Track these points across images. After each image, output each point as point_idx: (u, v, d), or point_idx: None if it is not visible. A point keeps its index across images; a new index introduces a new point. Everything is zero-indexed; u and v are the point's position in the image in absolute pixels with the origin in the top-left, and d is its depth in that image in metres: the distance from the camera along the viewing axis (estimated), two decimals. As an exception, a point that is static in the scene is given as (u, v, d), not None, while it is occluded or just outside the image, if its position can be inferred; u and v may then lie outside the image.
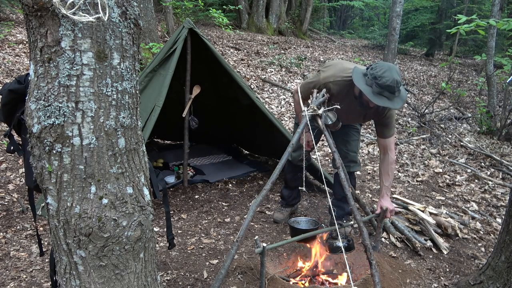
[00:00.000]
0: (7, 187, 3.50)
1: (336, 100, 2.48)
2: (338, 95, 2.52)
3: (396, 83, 2.24)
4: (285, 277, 2.49)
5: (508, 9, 12.33)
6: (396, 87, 2.25)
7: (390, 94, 2.26)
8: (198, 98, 3.79)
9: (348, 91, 2.53)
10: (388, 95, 2.26)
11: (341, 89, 2.52)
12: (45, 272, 2.45)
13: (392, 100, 2.29)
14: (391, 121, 2.61)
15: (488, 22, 4.03)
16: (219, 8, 10.65)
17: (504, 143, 6.06)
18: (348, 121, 2.78)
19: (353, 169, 2.98)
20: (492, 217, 3.58)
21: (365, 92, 2.29)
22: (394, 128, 2.67)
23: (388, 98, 2.27)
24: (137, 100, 1.44)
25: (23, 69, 6.04)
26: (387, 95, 2.26)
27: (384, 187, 2.67)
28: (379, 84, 2.24)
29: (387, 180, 2.67)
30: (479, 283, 2.29)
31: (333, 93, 2.50)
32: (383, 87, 2.24)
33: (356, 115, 2.69)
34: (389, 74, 2.24)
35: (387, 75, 2.23)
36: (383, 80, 2.23)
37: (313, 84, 2.58)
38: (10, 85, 1.67)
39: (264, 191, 2.13)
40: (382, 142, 2.67)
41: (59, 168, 1.31)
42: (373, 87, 2.27)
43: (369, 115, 2.68)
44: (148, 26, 7.47)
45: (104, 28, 1.26)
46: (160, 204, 3.33)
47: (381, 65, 2.31)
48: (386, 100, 2.27)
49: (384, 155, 2.69)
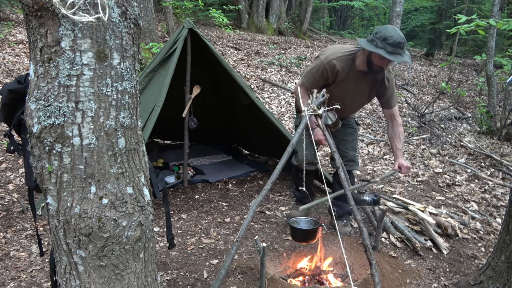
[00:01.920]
0: (7, 187, 3.50)
1: (342, 79, 2.62)
2: (343, 72, 2.62)
3: (404, 39, 2.42)
4: (285, 277, 2.49)
5: (508, 9, 12.33)
6: (404, 43, 2.42)
7: (401, 50, 2.41)
8: (198, 98, 3.79)
9: (351, 66, 2.63)
10: (400, 51, 2.41)
11: (344, 65, 2.62)
12: (45, 272, 2.45)
13: (403, 56, 2.44)
14: (394, 90, 2.77)
15: (488, 22, 4.03)
16: (219, 8, 10.65)
17: (504, 143, 6.06)
18: (354, 104, 2.87)
19: (351, 168, 3.01)
20: (492, 217, 3.58)
21: (381, 53, 2.39)
22: (397, 97, 2.86)
23: (400, 55, 2.42)
24: (137, 100, 1.44)
25: (23, 69, 6.04)
26: (400, 52, 2.41)
27: (398, 150, 2.82)
28: (390, 43, 2.38)
29: (399, 143, 2.82)
30: (479, 283, 2.29)
31: (338, 70, 2.60)
32: (395, 45, 2.38)
33: (362, 94, 2.78)
34: (395, 33, 2.40)
35: (395, 34, 2.39)
36: (393, 39, 2.37)
37: (316, 67, 2.67)
38: (10, 85, 1.67)
39: (264, 191, 2.13)
40: (389, 112, 2.84)
41: (59, 168, 1.31)
42: (386, 48, 2.39)
43: (373, 91, 2.78)
44: (148, 26, 7.47)
45: (104, 28, 1.26)
46: (160, 204, 3.33)
47: (384, 28, 2.46)
48: (400, 56, 2.41)
49: (392, 122, 2.86)
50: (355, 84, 2.67)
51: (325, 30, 17.23)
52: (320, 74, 2.67)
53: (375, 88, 2.77)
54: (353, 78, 2.66)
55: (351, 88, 2.66)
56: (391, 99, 2.78)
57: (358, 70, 2.63)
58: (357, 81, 2.67)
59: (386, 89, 2.74)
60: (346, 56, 2.63)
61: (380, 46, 2.40)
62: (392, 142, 2.87)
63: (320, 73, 2.67)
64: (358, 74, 2.65)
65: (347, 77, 2.64)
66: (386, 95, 2.77)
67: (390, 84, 2.73)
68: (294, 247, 2.82)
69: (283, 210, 3.54)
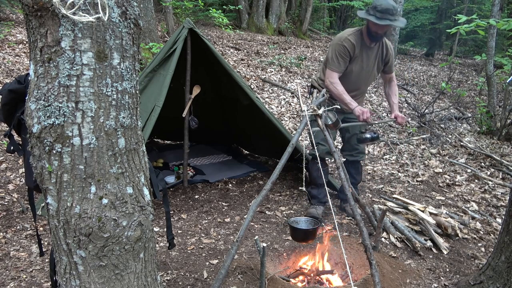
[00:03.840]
0: (7, 187, 3.50)
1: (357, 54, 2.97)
2: (357, 46, 2.96)
3: (393, 7, 2.77)
4: (285, 277, 2.49)
5: (508, 9, 12.33)
6: (394, 10, 2.77)
7: (390, 16, 2.76)
8: (198, 98, 3.79)
9: (362, 40, 2.99)
10: (389, 17, 2.77)
11: (357, 39, 2.97)
12: (45, 272, 2.45)
13: (393, 21, 2.79)
14: (392, 57, 3.18)
15: (488, 22, 4.02)
16: (219, 8, 10.64)
17: (504, 143, 6.05)
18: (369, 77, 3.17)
19: (361, 158, 3.39)
20: (492, 217, 3.58)
21: (370, 19, 2.79)
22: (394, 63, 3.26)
23: (389, 20, 2.77)
24: (137, 100, 1.44)
25: (23, 69, 6.04)
26: (389, 18, 2.77)
27: (394, 104, 3.20)
28: (378, 10, 2.77)
29: (395, 98, 3.23)
30: (479, 283, 2.29)
31: (354, 44, 2.94)
32: (383, 11, 2.76)
33: (373, 66, 3.11)
34: (384, 1, 2.77)
35: (383, 2, 2.77)
36: (382, 6, 2.75)
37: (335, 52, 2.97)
38: (10, 85, 1.67)
39: (264, 191, 2.13)
40: (388, 76, 3.28)
41: (59, 168, 1.31)
42: (376, 14, 2.78)
43: (380, 61, 3.13)
44: (148, 26, 7.47)
45: (104, 28, 1.25)
46: (160, 204, 3.33)
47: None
48: (388, 21, 2.77)
49: (390, 83, 3.29)
50: (367, 57, 3.04)
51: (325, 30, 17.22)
52: (341, 55, 2.96)
53: (381, 58, 3.13)
54: (364, 51, 3.02)
55: (365, 62, 3.04)
56: (391, 65, 3.21)
57: (367, 44, 3.00)
58: (367, 54, 3.04)
59: (389, 56, 3.13)
60: (355, 32, 3.01)
61: (371, 14, 2.80)
62: (389, 98, 3.27)
63: (342, 54, 2.96)
64: (367, 47, 3.01)
65: (360, 52, 3.00)
66: (389, 61, 3.17)
67: (391, 51, 3.15)
68: (294, 247, 2.82)
69: (283, 210, 3.54)
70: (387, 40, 3.15)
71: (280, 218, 3.38)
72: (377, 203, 3.61)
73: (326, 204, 3.45)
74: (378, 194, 3.91)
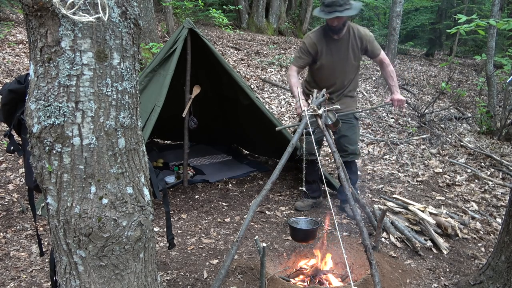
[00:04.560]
0: (7, 187, 3.50)
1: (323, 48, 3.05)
2: (319, 42, 3.06)
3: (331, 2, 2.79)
4: (285, 277, 2.49)
5: (508, 9, 12.32)
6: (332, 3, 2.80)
7: (339, 7, 2.80)
8: (198, 98, 3.79)
9: (326, 35, 3.07)
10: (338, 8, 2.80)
11: (318, 35, 3.08)
12: (45, 272, 2.45)
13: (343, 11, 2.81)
14: (372, 42, 3.15)
15: (488, 22, 4.02)
16: (219, 8, 10.64)
17: (504, 143, 6.05)
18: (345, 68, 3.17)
19: (353, 159, 3.35)
20: (492, 217, 3.58)
21: (316, 13, 2.93)
22: (378, 45, 3.23)
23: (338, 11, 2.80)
24: (137, 100, 1.44)
25: (23, 69, 6.04)
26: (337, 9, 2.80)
27: (392, 86, 3.22)
28: (326, 4, 2.85)
29: (392, 80, 3.22)
30: (479, 283, 2.29)
31: (314, 41, 3.06)
32: (330, 5, 2.83)
33: (346, 56, 3.12)
34: None
35: None
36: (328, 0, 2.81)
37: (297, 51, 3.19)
38: (10, 85, 1.67)
39: (264, 191, 2.13)
40: (378, 59, 3.25)
41: (59, 168, 1.31)
42: (324, 10, 2.86)
43: (356, 50, 3.13)
44: (148, 26, 7.47)
45: (104, 28, 1.26)
46: (160, 204, 3.33)
47: None
48: (337, 13, 2.81)
49: (382, 65, 3.27)
50: (336, 49, 3.09)
51: (325, 30, 17.19)
52: (302, 51, 3.13)
53: (356, 47, 3.12)
54: (333, 45, 3.08)
55: (335, 55, 3.09)
56: (374, 50, 3.17)
57: (333, 37, 3.06)
58: (336, 47, 3.09)
59: (365, 42, 3.12)
60: (318, 29, 3.13)
61: (321, 10, 2.89)
62: (387, 81, 3.30)
63: (302, 50, 3.13)
64: (334, 40, 3.07)
65: (327, 46, 3.07)
66: (367, 49, 3.16)
67: (367, 37, 3.12)
68: (294, 247, 2.82)
69: (283, 210, 3.54)
70: (360, 27, 3.16)
71: (280, 218, 3.38)
72: (377, 203, 3.61)
73: (317, 198, 3.57)
74: (378, 194, 3.91)
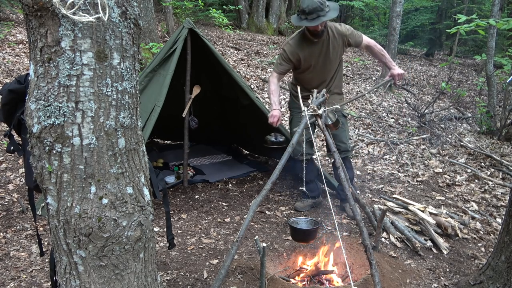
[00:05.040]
0: (7, 187, 3.50)
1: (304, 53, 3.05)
2: (299, 47, 3.07)
3: (311, 5, 2.77)
4: (285, 277, 2.48)
5: (508, 9, 12.32)
6: (321, 5, 2.79)
7: (320, 12, 2.80)
8: (198, 98, 3.79)
9: (305, 39, 3.07)
10: (320, 13, 2.80)
11: (297, 41, 3.09)
12: (45, 272, 2.45)
13: (326, 15, 2.82)
14: (352, 33, 3.14)
15: (488, 22, 4.02)
16: (219, 8, 10.64)
17: (504, 143, 6.05)
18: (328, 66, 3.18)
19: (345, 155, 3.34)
20: (492, 217, 3.57)
21: (295, 23, 2.91)
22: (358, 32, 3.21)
23: (321, 16, 2.81)
24: (137, 100, 1.44)
25: (23, 69, 6.04)
26: (319, 14, 2.80)
27: (386, 62, 3.18)
28: (307, 12, 2.81)
29: (384, 57, 3.19)
30: (479, 283, 2.29)
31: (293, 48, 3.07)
32: (312, 12, 2.80)
33: (328, 55, 3.13)
34: (304, 2, 2.80)
35: (303, 3, 2.81)
36: (308, 7, 2.79)
37: (278, 58, 3.20)
38: (10, 85, 1.67)
39: (264, 191, 2.13)
40: (363, 45, 3.21)
41: (59, 168, 1.31)
42: (307, 17, 2.83)
43: (337, 47, 3.13)
44: (148, 26, 7.47)
45: (104, 28, 1.25)
46: (160, 204, 3.33)
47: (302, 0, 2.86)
48: (322, 17, 2.81)
49: (369, 48, 3.23)
50: (319, 51, 3.09)
51: (325, 30, 17.18)
52: (282, 58, 3.14)
53: (337, 45, 3.13)
54: (315, 47, 3.07)
55: (318, 56, 3.10)
56: (356, 39, 3.15)
57: (313, 41, 3.05)
58: (319, 48, 3.08)
59: (346, 38, 3.12)
60: (297, 34, 3.12)
61: (303, 18, 2.86)
62: (380, 60, 3.27)
63: (283, 57, 3.14)
64: (315, 43, 3.06)
65: (309, 50, 3.07)
66: (350, 42, 3.17)
67: (344, 34, 3.11)
68: (294, 247, 2.82)
69: (283, 210, 3.54)
70: (336, 24, 3.15)
71: (280, 218, 3.38)
72: (377, 203, 3.61)
73: (316, 198, 3.57)
74: (378, 194, 3.91)
